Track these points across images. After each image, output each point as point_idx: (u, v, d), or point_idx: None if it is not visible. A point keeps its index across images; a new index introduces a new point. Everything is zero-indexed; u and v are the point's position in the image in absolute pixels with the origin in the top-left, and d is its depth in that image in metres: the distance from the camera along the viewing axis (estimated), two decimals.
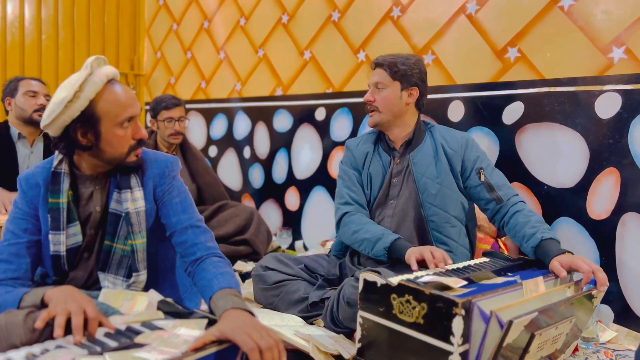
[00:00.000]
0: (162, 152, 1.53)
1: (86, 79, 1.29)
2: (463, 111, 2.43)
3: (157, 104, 2.84)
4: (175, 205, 1.45)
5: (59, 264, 1.38)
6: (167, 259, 1.52)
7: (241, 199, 3.52)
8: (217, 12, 3.63)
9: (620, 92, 1.96)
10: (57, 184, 1.38)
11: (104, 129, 1.33)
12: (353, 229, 1.89)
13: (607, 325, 1.92)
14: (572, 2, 2.09)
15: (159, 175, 1.46)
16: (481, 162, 1.89)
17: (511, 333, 1.18)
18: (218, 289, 1.25)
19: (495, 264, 1.60)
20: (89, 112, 1.30)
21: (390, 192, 1.94)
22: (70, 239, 1.39)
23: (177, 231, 1.42)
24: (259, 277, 2.00)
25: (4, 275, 1.33)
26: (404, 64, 1.91)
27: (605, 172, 2.00)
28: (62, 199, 1.37)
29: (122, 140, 1.35)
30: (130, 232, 1.39)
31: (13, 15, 3.62)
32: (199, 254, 1.39)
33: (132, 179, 1.41)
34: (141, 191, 1.42)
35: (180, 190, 1.48)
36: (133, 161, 1.39)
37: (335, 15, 2.96)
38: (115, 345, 1.04)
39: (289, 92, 3.21)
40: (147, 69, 4.21)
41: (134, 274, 1.40)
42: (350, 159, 2.03)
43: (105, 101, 1.31)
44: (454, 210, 1.89)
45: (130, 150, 1.37)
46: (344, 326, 1.71)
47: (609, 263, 1.98)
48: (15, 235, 1.37)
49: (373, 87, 1.95)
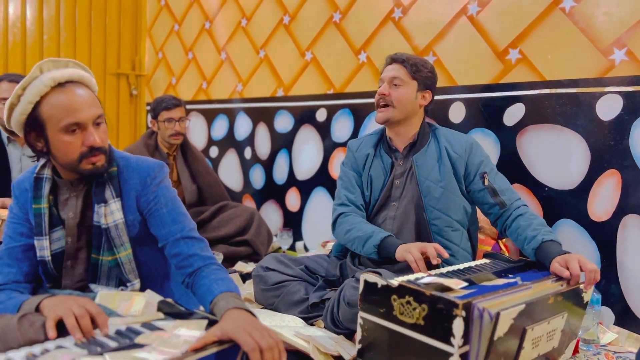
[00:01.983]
0: (147, 158, 1.48)
1: (30, 83, 1.25)
2: (464, 112, 2.43)
3: (158, 105, 2.84)
4: (163, 216, 1.39)
5: (47, 269, 1.37)
6: (159, 267, 1.50)
7: (242, 199, 3.52)
8: (218, 12, 3.63)
9: (622, 94, 1.96)
10: (39, 189, 1.36)
11: (50, 135, 1.28)
12: (346, 229, 1.89)
13: (607, 327, 1.92)
14: (573, 4, 2.09)
15: (141, 185, 1.40)
16: (485, 166, 1.89)
17: (500, 326, 1.18)
18: (218, 293, 1.25)
19: (496, 265, 1.60)
20: (33, 116, 1.27)
21: (392, 194, 1.94)
22: (55, 244, 1.37)
23: (169, 243, 1.38)
24: (260, 278, 2.00)
25: (7, 279, 1.33)
26: (424, 66, 1.93)
27: (607, 174, 2.00)
28: (43, 204, 1.35)
29: (69, 146, 1.28)
30: (113, 245, 1.36)
31: (15, 15, 3.62)
32: (196, 265, 1.35)
33: (107, 191, 1.36)
34: (117, 203, 1.36)
35: (167, 199, 1.42)
36: (89, 169, 1.31)
37: (337, 16, 2.96)
38: (115, 346, 1.03)
39: (290, 93, 3.21)
40: (149, 70, 4.22)
41: (129, 285, 1.39)
42: (351, 160, 2.03)
43: (49, 105, 1.26)
44: (456, 214, 1.88)
45: (82, 157, 1.29)
46: (345, 327, 1.71)
47: (610, 265, 1.98)
48: (13, 239, 1.38)
49: (388, 82, 1.92)
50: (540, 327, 1.32)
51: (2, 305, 1.25)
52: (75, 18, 3.90)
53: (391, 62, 1.96)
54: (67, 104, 1.26)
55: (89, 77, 1.35)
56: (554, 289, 1.42)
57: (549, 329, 1.36)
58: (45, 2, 3.74)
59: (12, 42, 3.62)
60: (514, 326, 1.23)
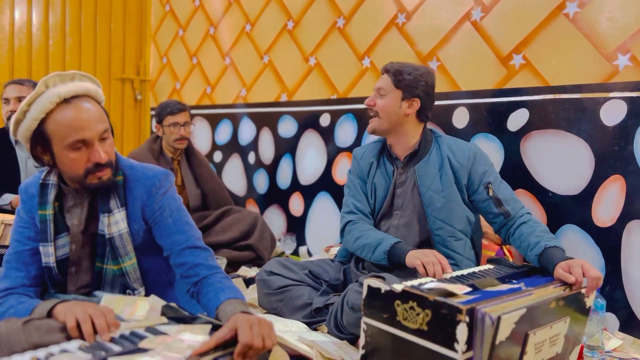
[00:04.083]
0: (153, 166, 1.47)
1: (35, 99, 1.25)
2: (468, 118, 2.43)
3: (162, 110, 2.85)
4: (169, 226, 1.40)
5: (52, 275, 1.37)
6: (164, 274, 1.50)
7: (245, 204, 3.53)
8: (222, 18, 3.65)
9: (626, 100, 1.96)
10: (45, 195, 1.36)
11: (56, 150, 1.29)
12: (355, 236, 1.90)
13: (612, 333, 1.91)
14: (577, 10, 2.10)
15: (146, 194, 1.40)
16: (489, 176, 1.87)
17: (501, 330, 1.18)
18: (224, 300, 1.25)
19: (500, 271, 1.60)
20: (39, 131, 1.27)
21: (395, 203, 1.94)
22: (60, 250, 1.37)
23: (174, 253, 1.39)
24: (263, 282, 2.00)
25: (15, 283, 1.34)
26: (410, 74, 1.88)
27: (611, 179, 2.00)
28: (49, 211, 1.35)
29: (75, 163, 1.28)
30: (118, 255, 1.36)
31: (21, 21, 3.65)
32: (202, 274, 1.35)
33: (112, 200, 1.36)
34: (122, 212, 1.37)
35: (172, 209, 1.42)
36: (94, 183, 1.31)
37: (340, 21, 2.97)
38: (119, 350, 1.04)
39: (294, 98, 3.22)
40: (153, 75, 4.24)
41: (136, 293, 1.39)
42: (356, 168, 2.04)
43: (54, 122, 1.26)
44: (459, 224, 1.88)
45: (87, 173, 1.30)
46: (348, 332, 1.71)
47: (614, 271, 1.97)
48: (21, 243, 1.38)
49: (376, 92, 1.94)
50: (543, 331, 1.31)
51: (13, 309, 1.25)
52: (81, 23, 3.92)
53: (383, 72, 1.97)
54: (71, 121, 1.26)
55: (95, 90, 1.34)
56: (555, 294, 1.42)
57: (551, 334, 1.35)
58: (51, 8, 3.77)
59: (18, 47, 3.65)
60: (516, 331, 1.22)
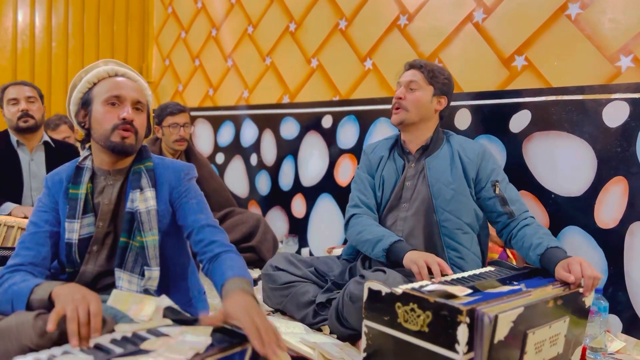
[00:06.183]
0: (179, 160, 1.58)
1: (93, 68, 1.46)
2: (470, 119, 2.43)
3: (162, 110, 2.85)
4: (192, 205, 1.49)
5: (71, 252, 1.43)
6: (179, 265, 1.56)
7: (248, 206, 3.53)
8: (225, 20, 3.66)
9: (628, 101, 1.96)
10: (79, 176, 1.47)
11: (94, 108, 1.45)
12: (358, 230, 1.91)
13: (615, 335, 1.91)
14: (579, 11, 2.09)
15: (175, 179, 1.51)
16: (497, 175, 1.90)
17: (499, 328, 1.18)
18: (230, 277, 1.30)
19: (501, 272, 1.60)
20: (87, 95, 1.46)
21: (403, 195, 1.95)
22: (84, 229, 1.45)
23: (194, 230, 1.46)
24: (269, 277, 2.03)
25: (23, 260, 1.39)
26: (441, 73, 1.98)
27: (613, 181, 1.99)
28: (82, 190, 1.46)
29: (106, 116, 1.42)
30: (142, 229, 1.43)
31: (24, 23, 3.66)
32: (216, 250, 1.42)
33: (143, 179, 1.47)
34: (152, 192, 1.46)
35: (197, 193, 1.53)
36: (118, 142, 1.42)
37: (342, 23, 2.97)
38: (121, 352, 1.04)
39: (296, 100, 3.23)
40: (156, 77, 4.25)
41: (146, 269, 1.43)
42: (365, 163, 2.07)
43: (101, 86, 1.45)
44: (467, 217, 1.89)
45: (114, 128, 1.42)
46: (350, 326, 1.71)
47: (617, 273, 1.97)
48: (37, 225, 1.45)
49: (405, 85, 1.97)
50: (542, 331, 1.31)
51: (15, 286, 1.28)
52: (84, 25, 3.94)
53: (409, 67, 2.01)
54: (113, 84, 1.45)
55: (144, 83, 1.53)
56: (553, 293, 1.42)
57: (551, 334, 1.35)
58: (54, 10, 3.78)
59: (21, 49, 3.66)
60: (514, 330, 1.22)
